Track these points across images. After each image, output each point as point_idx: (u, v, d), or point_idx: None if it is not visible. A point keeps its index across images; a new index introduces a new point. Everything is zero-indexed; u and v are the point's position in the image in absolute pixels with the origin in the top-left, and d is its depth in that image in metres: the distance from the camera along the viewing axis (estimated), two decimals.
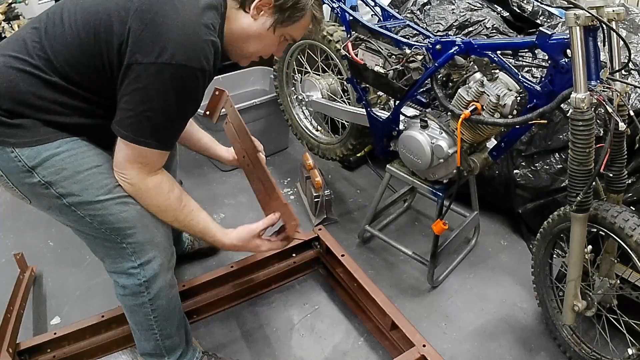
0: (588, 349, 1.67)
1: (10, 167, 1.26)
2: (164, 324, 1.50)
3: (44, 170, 1.25)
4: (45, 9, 1.46)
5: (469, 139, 1.72)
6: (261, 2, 1.31)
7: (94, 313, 1.79)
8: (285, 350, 1.82)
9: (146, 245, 1.37)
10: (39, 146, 1.24)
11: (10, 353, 1.60)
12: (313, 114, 2.62)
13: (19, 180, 1.28)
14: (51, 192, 1.28)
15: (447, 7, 2.39)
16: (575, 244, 1.45)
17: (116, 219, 1.31)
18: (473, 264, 2.17)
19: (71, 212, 1.31)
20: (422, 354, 1.55)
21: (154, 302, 1.44)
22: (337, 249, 1.95)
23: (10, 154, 1.24)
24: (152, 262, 1.39)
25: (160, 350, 1.55)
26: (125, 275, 1.40)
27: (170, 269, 1.47)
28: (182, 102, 1.23)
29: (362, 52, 2.00)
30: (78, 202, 1.29)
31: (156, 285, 1.42)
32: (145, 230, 1.36)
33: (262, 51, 1.44)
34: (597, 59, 1.34)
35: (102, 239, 1.36)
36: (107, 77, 1.24)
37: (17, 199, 1.37)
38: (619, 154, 1.46)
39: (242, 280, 1.97)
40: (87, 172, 1.28)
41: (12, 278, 2.01)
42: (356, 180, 2.75)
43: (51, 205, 1.31)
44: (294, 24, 1.38)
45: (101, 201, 1.29)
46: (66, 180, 1.27)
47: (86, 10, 1.24)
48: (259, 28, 1.35)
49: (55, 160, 1.26)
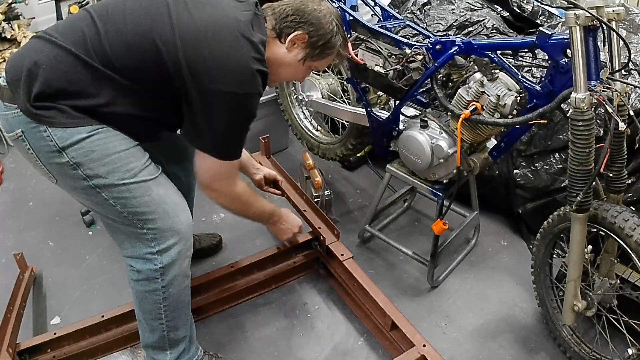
0: (588, 349, 1.67)
1: (41, 145, 1.32)
2: (172, 315, 1.51)
3: (74, 151, 1.31)
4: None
5: (469, 139, 1.72)
6: (296, 36, 1.45)
7: (94, 313, 1.80)
8: (285, 350, 1.82)
9: (167, 232, 1.41)
10: (71, 129, 1.30)
11: (10, 353, 1.60)
12: (313, 114, 2.62)
13: (48, 159, 1.34)
14: (78, 173, 1.34)
15: (447, 7, 2.39)
16: (575, 244, 1.45)
17: (139, 203, 1.37)
18: (473, 264, 2.17)
19: (96, 194, 1.37)
20: (422, 354, 1.55)
21: (167, 290, 1.47)
22: (337, 249, 1.95)
23: (42, 133, 1.30)
24: (170, 249, 1.43)
25: (163, 343, 1.55)
26: (142, 260, 1.43)
27: (188, 258, 1.50)
28: (246, 120, 1.42)
29: (362, 52, 2.00)
30: (103, 185, 1.35)
31: (171, 273, 1.45)
32: (166, 216, 1.41)
33: (292, 77, 1.62)
34: (597, 59, 1.34)
35: (123, 223, 1.41)
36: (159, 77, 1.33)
37: (44, 177, 1.43)
38: (619, 154, 1.46)
39: (242, 280, 1.97)
40: (115, 155, 1.35)
41: (12, 278, 2.01)
42: (356, 180, 2.75)
43: (77, 186, 1.37)
44: (322, 59, 1.54)
45: (126, 184, 1.36)
46: (94, 162, 1.33)
47: (147, 18, 1.33)
48: (291, 59, 1.49)
49: (86, 143, 1.31)
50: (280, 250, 2.03)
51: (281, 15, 1.45)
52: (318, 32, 1.46)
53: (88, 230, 2.38)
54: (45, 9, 3.29)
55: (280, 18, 1.45)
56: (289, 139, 3.03)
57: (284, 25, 1.45)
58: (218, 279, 1.93)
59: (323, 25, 1.46)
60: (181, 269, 1.47)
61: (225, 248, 2.28)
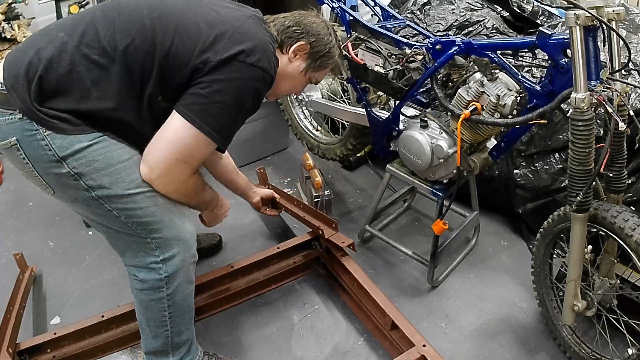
0: (588, 349, 1.67)
1: (38, 155, 1.26)
2: (177, 321, 1.50)
3: (75, 161, 1.26)
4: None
5: (469, 139, 1.72)
6: (299, 47, 1.46)
7: (94, 313, 1.79)
8: (285, 350, 1.82)
9: (172, 240, 1.39)
10: (72, 136, 1.25)
11: (10, 353, 1.60)
12: (313, 114, 2.62)
13: (46, 169, 1.28)
14: (80, 184, 1.29)
15: (447, 7, 2.39)
16: (575, 244, 1.45)
17: (144, 213, 1.34)
18: (473, 264, 2.17)
19: (98, 205, 1.32)
20: (422, 354, 1.55)
21: (172, 298, 1.45)
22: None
23: (41, 142, 1.24)
24: (175, 257, 1.41)
25: (167, 348, 1.54)
26: (146, 270, 1.41)
27: (192, 265, 1.49)
28: (249, 102, 1.34)
29: (362, 52, 2.00)
30: (107, 195, 1.31)
31: (176, 281, 1.44)
32: (172, 225, 1.39)
33: (291, 90, 1.61)
34: (597, 59, 1.34)
35: (125, 233, 1.37)
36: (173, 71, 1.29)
37: (39, 189, 1.38)
38: (619, 154, 1.46)
39: (242, 280, 1.97)
40: (118, 165, 1.30)
41: (12, 278, 2.01)
42: (356, 180, 2.75)
43: (78, 197, 1.32)
44: (322, 70, 1.56)
45: (131, 195, 1.31)
46: (97, 172, 1.28)
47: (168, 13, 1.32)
48: (293, 69, 1.50)
49: (87, 152, 1.26)
50: (280, 250, 2.03)
51: (282, 27, 1.46)
52: (319, 42, 1.48)
53: (88, 230, 2.37)
54: (45, 9, 3.29)
55: (282, 29, 1.45)
56: (289, 139, 3.03)
57: (286, 36, 1.45)
58: (218, 279, 1.93)
59: (323, 37, 1.49)
60: (186, 275, 1.46)
61: (225, 248, 2.28)
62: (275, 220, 2.41)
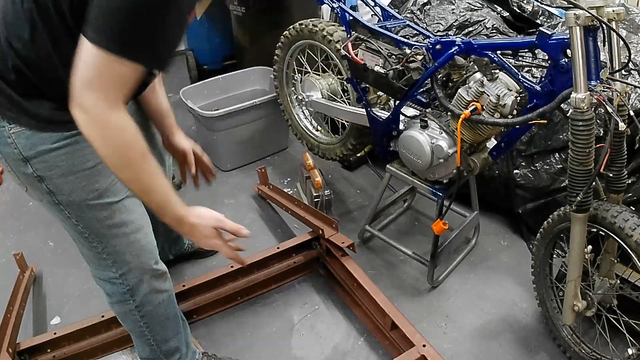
0: (588, 349, 1.67)
1: (7, 152, 1.19)
2: (156, 329, 1.48)
3: (38, 164, 1.19)
4: None
5: (469, 139, 1.72)
6: None
7: (94, 313, 1.79)
8: (285, 350, 1.82)
9: (126, 254, 1.32)
10: (36, 135, 1.15)
11: (10, 353, 1.60)
12: (313, 114, 2.62)
13: (16, 166, 1.22)
14: (42, 187, 1.23)
15: (447, 7, 2.39)
16: (575, 244, 1.45)
17: (101, 226, 1.28)
18: (473, 264, 2.17)
19: (60, 210, 1.27)
20: (422, 354, 1.55)
21: (141, 309, 1.42)
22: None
23: (7, 139, 1.16)
24: (131, 272, 1.35)
25: (157, 355, 1.53)
26: (110, 284, 1.38)
27: (155, 277, 1.40)
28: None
29: (362, 52, 2.00)
30: (66, 202, 1.25)
31: (141, 292, 1.39)
32: (126, 238, 1.31)
33: None
34: (597, 59, 1.34)
35: (83, 245, 1.33)
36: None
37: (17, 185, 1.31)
38: (619, 154, 1.46)
39: (242, 280, 1.97)
40: (80, 173, 1.22)
41: (12, 278, 2.01)
42: (356, 180, 2.75)
43: (43, 199, 1.27)
44: None
45: (89, 205, 1.25)
46: (58, 178, 1.22)
47: None
48: None
49: (50, 157, 1.18)
50: (280, 250, 2.03)
51: None
52: None
53: None
54: None
55: None
56: (289, 139, 3.03)
57: None
58: (218, 279, 1.93)
59: None
60: (151, 286, 1.39)
61: None
62: (275, 220, 2.41)
